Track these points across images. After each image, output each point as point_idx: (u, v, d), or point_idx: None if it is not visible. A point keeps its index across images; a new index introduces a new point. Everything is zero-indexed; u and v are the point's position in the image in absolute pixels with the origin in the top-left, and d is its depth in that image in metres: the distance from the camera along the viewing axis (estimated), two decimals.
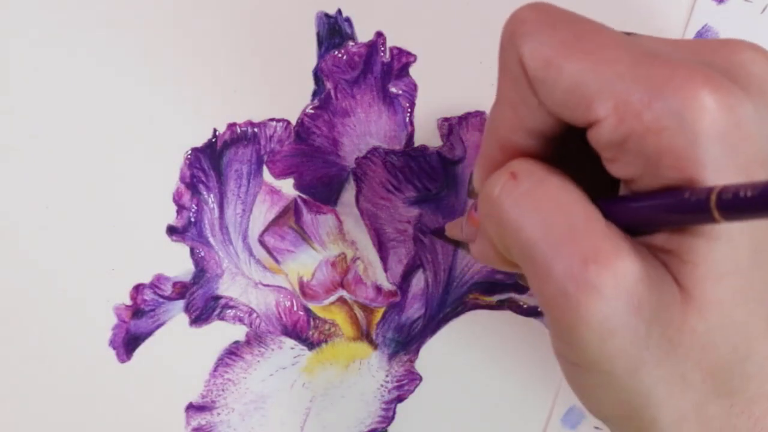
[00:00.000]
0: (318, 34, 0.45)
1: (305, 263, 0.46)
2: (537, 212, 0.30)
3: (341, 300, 0.46)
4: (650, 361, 0.30)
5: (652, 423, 0.31)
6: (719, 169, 0.28)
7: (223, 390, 0.45)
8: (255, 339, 0.45)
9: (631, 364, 0.30)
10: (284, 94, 0.45)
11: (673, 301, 0.30)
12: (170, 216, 0.45)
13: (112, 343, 0.45)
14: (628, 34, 0.32)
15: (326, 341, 0.46)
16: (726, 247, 0.29)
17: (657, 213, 0.30)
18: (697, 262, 0.29)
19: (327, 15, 0.45)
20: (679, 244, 0.30)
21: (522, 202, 0.31)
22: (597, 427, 0.47)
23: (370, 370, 0.46)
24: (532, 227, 0.30)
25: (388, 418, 0.46)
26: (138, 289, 0.45)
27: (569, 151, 0.32)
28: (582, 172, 0.32)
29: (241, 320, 0.45)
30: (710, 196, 0.27)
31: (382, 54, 0.45)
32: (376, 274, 0.46)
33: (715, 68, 0.29)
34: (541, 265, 0.30)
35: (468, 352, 0.46)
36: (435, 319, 0.46)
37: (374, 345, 0.46)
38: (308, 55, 0.45)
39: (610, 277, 0.29)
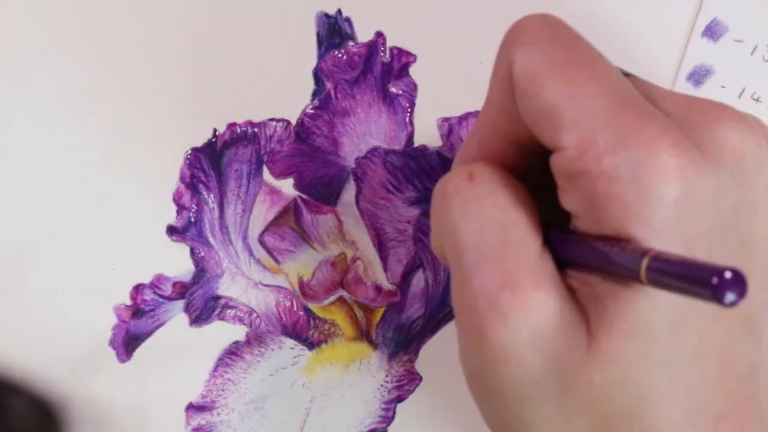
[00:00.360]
0: (318, 34, 0.45)
1: (305, 263, 0.46)
2: (478, 220, 0.30)
3: (341, 300, 0.46)
4: (539, 399, 0.30)
5: None
6: (660, 234, 0.28)
7: (223, 390, 0.46)
8: (255, 339, 0.46)
9: (519, 396, 0.30)
10: (284, 94, 0.45)
11: (578, 348, 0.29)
12: (170, 216, 0.45)
13: (112, 343, 0.45)
14: (627, 75, 0.32)
15: (326, 341, 0.46)
16: (648, 308, 0.29)
17: (591, 256, 0.29)
18: (616, 316, 0.29)
19: (327, 15, 0.45)
20: (606, 293, 0.29)
21: (469, 205, 0.31)
22: None
23: (370, 370, 0.46)
24: (469, 233, 0.30)
25: (388, 418, 0.46)
26: (138, 289, 0.45)
27: (544, 166, 0.32)
28: (551, 190, 0.32)
29: (241, 320, 0.45)
30: (643, 258, 0.27)
31: (382, 54, 0.45)
32: (376, 274, 0.46)
33: (692, 131, 0.29)
34: (464, 272, 0.30)
35: None
36: (435, 319, 0.46)
37: (374, 345, 0.46)
38: (308, 55, 0.45)
39: (521, 308, 0.29)
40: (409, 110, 0.45)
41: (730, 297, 0.24)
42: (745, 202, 0.30)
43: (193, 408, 0.45)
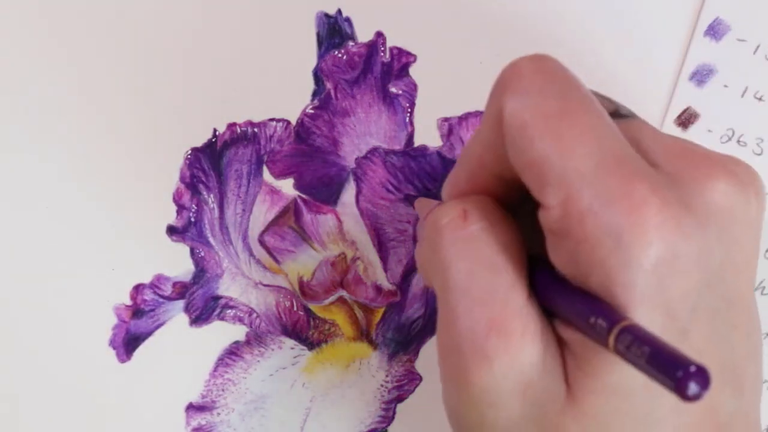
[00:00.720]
0: (318, 34, 0.45)
1: (305, 263, 0.46)
2: (470, 260, 0.30)
3: (341, 300, 0.46)
4: None
5: None
6: (641, 300, 0.28)
7: (223, 390, 0.46)
8: (255, 339, 0.46)
9: None
10: (284, 94, 0.45)
11: (557, 398, 0.30)
12: (170, 216, 0.45)
13: (112, 343, 0.45)
14: (624, 115, 0.32)
15: (326, 341, 0.46)
16: (625, 368, 0.29)
17: (570, 311, 0.29)
18: (593, 374, 0.29)
19: (327, 15, 0.45)
20: (584, 349, 0.29)
21: (460, 244, 0.31)
22: None
23: (370, 370, 0.46)
24: (459, 272, 0.30)
25: (388, 418, 0.46)
26: (138, 289, 0.45)
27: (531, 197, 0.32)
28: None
29: (241, 320, 0.45)
30: (612, 329, 0.27)
31: (382, 54, 0.45)
32: (376, 274, 0.46)
33: (682, 187, 0.29)
34: (451, 312, 0.30)
35: None
36: (435, 319, 0.46)
37: (374, 345, 0.46)
38: (308, 55, 0.45)
39: (506, 354, 0.29)
40: (409, 110, 0.45)
41: (693, 389, 0.24)
42: (732, 260, 0.30)
43: (193, 408, 0.45)
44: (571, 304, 0.29)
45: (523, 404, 0.30)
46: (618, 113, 0.32)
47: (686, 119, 0.46)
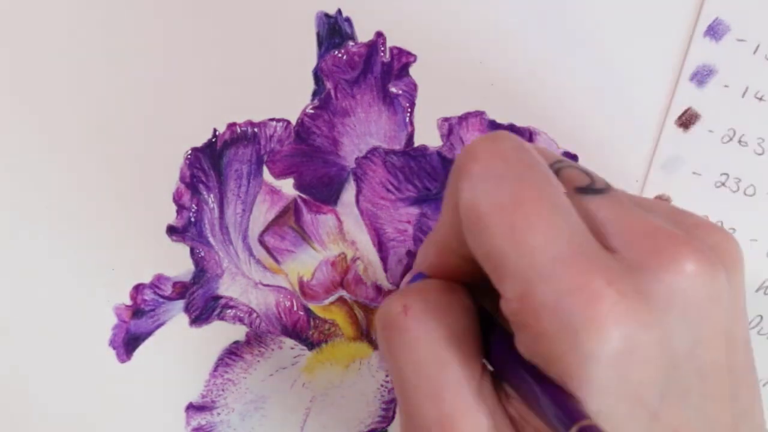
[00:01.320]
0: (318, 34, 0.45)
1: (305, 263, 0.46)
2: (415, 357, 0.31)
3: (341, 300, 0.46)
4: None
5: None
6: (602, 394, 0.28)
7: (223, 390, 0.46)
8: (255, 339, 0.46)
9: None
10: (284, 94, 0.45)
11: None
12: (170, 216, 0.45)
13: (112, 343, 0.45)
14: (598, 190, 0.31)
15: (326, 341, 0.46)
16: None
17: (530, 398, 0.29)
18: None
19: (327, 15, 0.45)
20: None
21: (404, 341, 0.31)
22: None
23: (370, 370, 0.46)
24: (407, 369, 0.31)
25: (388, 418, 0.46)
26: (138, 289, 0.45)
27: None
28: None
29: (241, 320, 0.45)
30: (571, 427, 0.27)
31: (382, 54, 0.45)
32: (376, 274, 0.46)
33: (643, 274, 0.29)
34: (405, 407, 0.31)
35: None
36: None
37: (374, 345, 0.46)
38: (308, 55, 0.45)
39: None
40: (409, 110, 0.45)
41: None
42: (702, 335, 0.29)
43: (193, 408, 0.46)
44: (530, 387, 0.29)
45: None
46: (592, 188, 0.31)
47: (687, 120, 0.46)
